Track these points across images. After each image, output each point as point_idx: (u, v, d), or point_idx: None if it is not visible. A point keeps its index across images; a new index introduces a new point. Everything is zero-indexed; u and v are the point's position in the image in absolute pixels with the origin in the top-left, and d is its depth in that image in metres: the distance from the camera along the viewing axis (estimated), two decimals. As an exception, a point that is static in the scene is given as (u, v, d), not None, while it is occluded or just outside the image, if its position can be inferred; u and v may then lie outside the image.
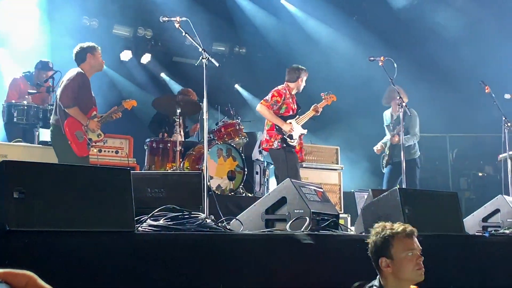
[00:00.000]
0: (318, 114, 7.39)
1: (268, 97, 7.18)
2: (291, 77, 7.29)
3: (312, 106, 7.40)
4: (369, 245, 3.17)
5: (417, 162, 8.20)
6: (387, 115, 8.45)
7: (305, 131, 7.26)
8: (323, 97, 7.54)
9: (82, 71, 6.41)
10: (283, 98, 7.13)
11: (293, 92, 7.32)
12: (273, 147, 7.10)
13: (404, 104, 6.73)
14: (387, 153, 8.24)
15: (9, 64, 9.73)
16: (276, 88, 7.26)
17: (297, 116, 7.26)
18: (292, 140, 7.06)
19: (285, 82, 7.32)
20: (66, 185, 3.00)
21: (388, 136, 8.32)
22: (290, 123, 7.08)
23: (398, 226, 3.11)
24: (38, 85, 7.84)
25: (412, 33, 11.70)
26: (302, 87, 7.34)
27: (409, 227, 3.13)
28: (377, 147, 8.44)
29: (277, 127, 7.08)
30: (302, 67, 7.38)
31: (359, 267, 3.50)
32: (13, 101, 7.45)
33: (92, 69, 6.53)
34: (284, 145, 7.04)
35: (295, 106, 7.28)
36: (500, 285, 4.59)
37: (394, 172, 8.06)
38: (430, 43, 11.72)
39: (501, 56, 11.05)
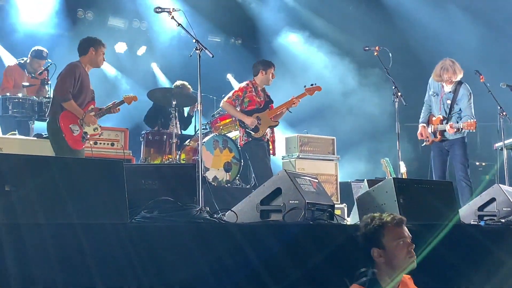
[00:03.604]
0: (295, 105, 7.24)
1: (230, 93, 7.26)
2: (254, 71, 7.32)
3: (290, 98, 7.30)
4: (360, 238, 3.17)
5: (466, 141, 7.49)
6: (434, 84, 7.39)
7: (275, 123, 7.21)
8: (305, 88, 7.39)
9: (79, 64, 6.36)
10: (244, 92, 7.14)
11: (260, 87, 7.29)
12: (241, 142, 7.19)
13: (400, 94, 6.62)
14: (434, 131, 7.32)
15: (3, 54, 9.70)
16: (239, 84, 7.38)
17: (267, 110, 7.18)
18: (257, 133, 7.04)
19: (253, 77, 7.34)
20: (58, 178, 2.99)
21: (432, 109, 7.44)
22: (257, 116, 7.04)
23: (387, 216, 3.13)
24: (33, 76, 7.81)
25: (402, 22, 11.69)
26: (270, 81, 7.30)
27: (398, 216, 3.15)
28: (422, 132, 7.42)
29: (241, 123, 7.11)
30: (266, 61, 7.43)
31: (353, 257, 3.50)
32: (8, 94, 7.41)
33: (91, 64, 6.47)
34: (250, 139, 7.06)
35: (262, 99, 7.23)
36: (494, 274, 4.59)
37: (444, 153, 7.46)
38: (420, 31, 11.70)
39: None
